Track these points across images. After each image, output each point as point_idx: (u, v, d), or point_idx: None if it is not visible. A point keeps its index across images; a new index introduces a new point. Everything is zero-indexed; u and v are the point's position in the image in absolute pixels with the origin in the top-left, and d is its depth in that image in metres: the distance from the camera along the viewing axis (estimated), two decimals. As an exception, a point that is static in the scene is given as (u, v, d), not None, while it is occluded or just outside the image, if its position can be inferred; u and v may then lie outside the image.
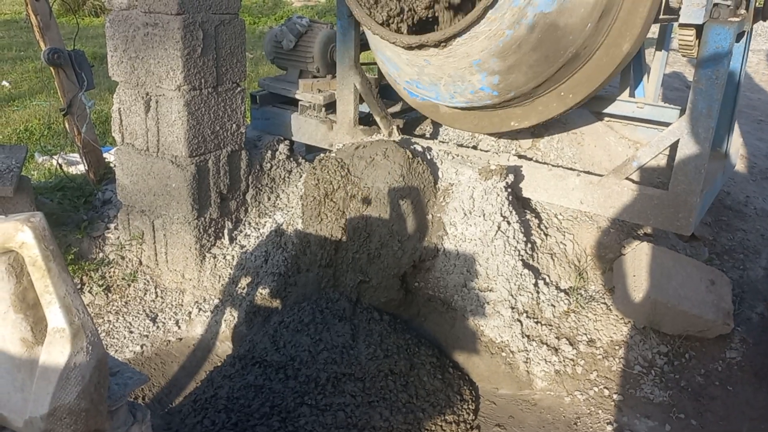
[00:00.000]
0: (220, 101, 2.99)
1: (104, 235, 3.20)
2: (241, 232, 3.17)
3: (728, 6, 2.44)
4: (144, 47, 2.82)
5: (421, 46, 2.47)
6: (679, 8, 2.46)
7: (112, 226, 3.24)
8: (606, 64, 2.63)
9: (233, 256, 3.05)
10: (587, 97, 2.78)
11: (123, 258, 3.13)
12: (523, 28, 2.39)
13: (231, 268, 3.01)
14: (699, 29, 2.49)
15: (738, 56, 2.85)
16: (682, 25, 2.48)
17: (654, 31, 4.08)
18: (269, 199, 3.34)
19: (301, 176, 3.47)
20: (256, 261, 2.96)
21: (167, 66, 2.79)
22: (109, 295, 3.00)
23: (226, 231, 3.11)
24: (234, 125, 3.10)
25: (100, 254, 3.14)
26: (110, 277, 3.06)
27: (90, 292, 2.97)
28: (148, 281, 3.09)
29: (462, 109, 2.99)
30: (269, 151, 3.41)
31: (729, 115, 3.01)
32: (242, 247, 3.09)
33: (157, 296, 3.04)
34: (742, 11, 2.57)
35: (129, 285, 3.06)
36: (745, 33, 2.79)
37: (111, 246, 3.17)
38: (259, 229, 3.18)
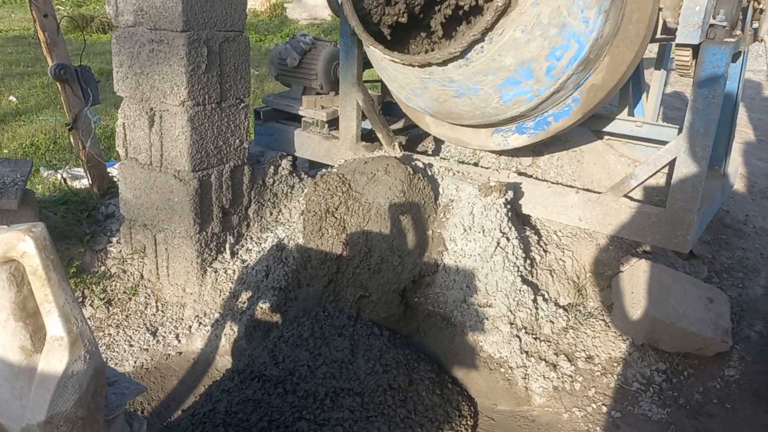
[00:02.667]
0: (224, 117, 3.03)
1: (106, 249, 3.23)
2: (242, 246, 3.19)
3: (724, 27, 2.48)
4: (149, 63, 2.87)
5: (445, 61, 2.53)
6: (676, 29, 2.50)
7: (114, 239, 3.27)
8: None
9: (234, 270, 3.07)
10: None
11: (124, 272, 3.16)
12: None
13: (232, 283, 3.03)
14: (695, 49, 2.53)
15: (735, 76, 2.88)
16: (679, 45, 2.51)
17: (653, 50, 4.13)
18: (271, 214, 3.37)
19: (303, 191, 3.50)
20: (257, 275, 2.98)
21: (172, 82, 2.83)
22: (110, 308, 3.02)
23: (227, 245, 3.13)
24: (237, 140, 3.13)
25: (102, 268, 3.16)
26: (111, 290, 3.09)
27: (91, 305, 2.99)
28: (149, 295, 3.11)
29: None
30: (272, 167, 3.44)
31: (726, 134, 3.04)
32: (243, 261, 3.11)
33: (157, 310, 3.06)
34: (738, 32, 2.60)
35: (130, 298, 3.08)
36: (741, 53, 2.82)
37: (113, 259, 3.19)
38: (260, 244, 3.20)
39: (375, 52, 2.64)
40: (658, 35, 2.79)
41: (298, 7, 13.94)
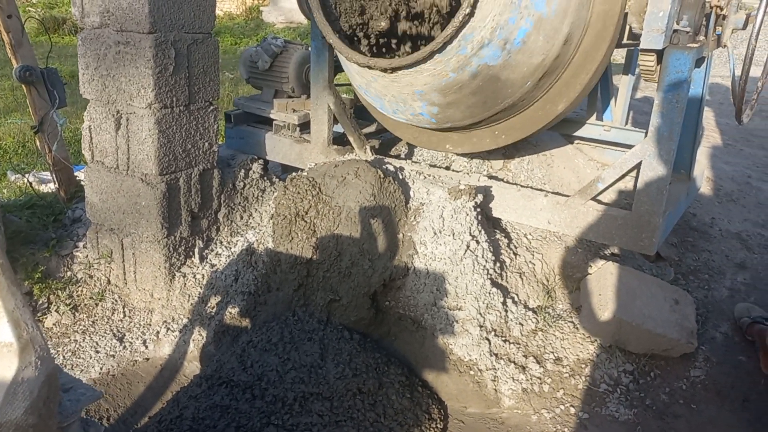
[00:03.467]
0: (192, 119, 3.00)
1: (73, 254, 3.18)
2: (212, 251, 3.16)
3: (687, 32, 2.52)
4: (115, 65, 2.83)
5: (369, 67, 2.54)
6: (641, 34, 2.53)
7: (81, 244, 3.22)
8: (540, 117, 2.81)
9: (203, 275, 3.04)
10: (520, 140, 2.97)
11: (91, 277, 3.11)
12: (466, 74, 2.53)
13: (201, 287, 3.00)
14: (660, 54, 2.56)
15: (699, 81, 2.93)
16: (643, 51, 2.55)
17: (622, 54, 4.19)
18: (241, 218, 3.34)
19: (274, 195, 3.48)
20: (226, 280, 2.95)
21: (138, 84, 2.80)
22: (76, 314, 2.97)
23: (196, 250, 3.10)
24: (206, 143, 3.11)
25: (68, 273, 3.11)
26: (78, 296, 3.03)
27: (57, 311, 2.94)
28: (116, 300, 3.07)
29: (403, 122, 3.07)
30: (242, 170, 3.42)
31: (692, 138, 3.09)
32: (213, 266, 3.08)
33: (124, 316, 3.01)
34: (702, 38, 2.65)
35: (97, 304, 3.03)
36: (705, 58, 2.87)
37: (79, 265, 3.14)
38: (230, 248, 3.18)
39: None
40: (625, 41, 2.83)
41: (274, 11, 13.88)
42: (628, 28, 2.70)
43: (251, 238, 3.17)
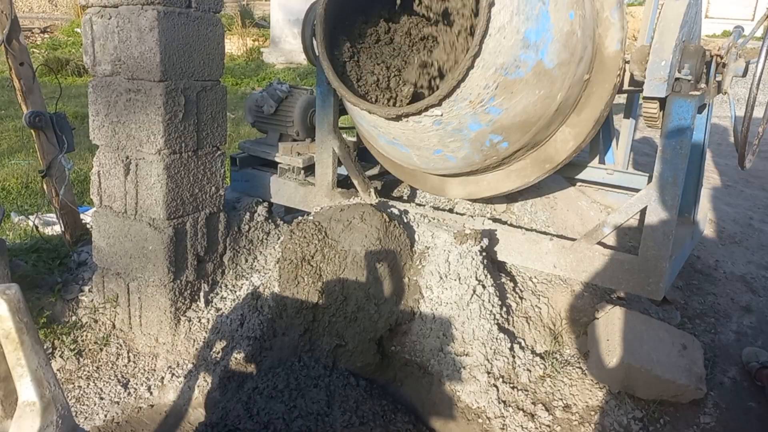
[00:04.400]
0: (200, 164, 3.03)
1: (78, 298, 3.17)
2: (217, 294, 3.15)
3: (689, 80, 2.57)
4: (126, 112, 2.87)
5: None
6: (643, 81, 2.58)
7: (86, 288, 3.21)
8: (531, 169, 2.93)
9: (208, 319, 3.03)
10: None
11: (96, 321, 3.09)
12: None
13: (206, 332, 2.98)
14: (662, 102, 2.61)
15: (701, 127, 2.98)
16: (646, 98, 2.60)
17: (623, 97, 4.25)
18: (246, 261, 3.34)
19: (279, 238, 3.49)
20: (231, 324, 2.94)
21: (148, 130, 2.83)
22: (81, 359, 2.95)
23: (202, 293, 3.09)
24: (213, 188, 3.13)
25: (73, 317, 3.10)
26: (82, 341, 3.01)
27: (61, 356, 2.92)
28: (120, 345, 3.05)
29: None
30: (248, 213, 3.43)
31: (695, 182, 3.12)
32: (218, 310, 3.07)
33: (129, 361, 2.99)
34: (703, 85, 2.70)
35: (101, 349, 3.01)
36: (707, 105, 2.92)
37: (84, 309, 3.13)
38: (235, 292, 3.17)
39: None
40: (626, 87, 2.89)
41: (275, 52, 14.11)
42: (629, 74, 2.75)
43: (256, 282, 3.16)
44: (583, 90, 2.71)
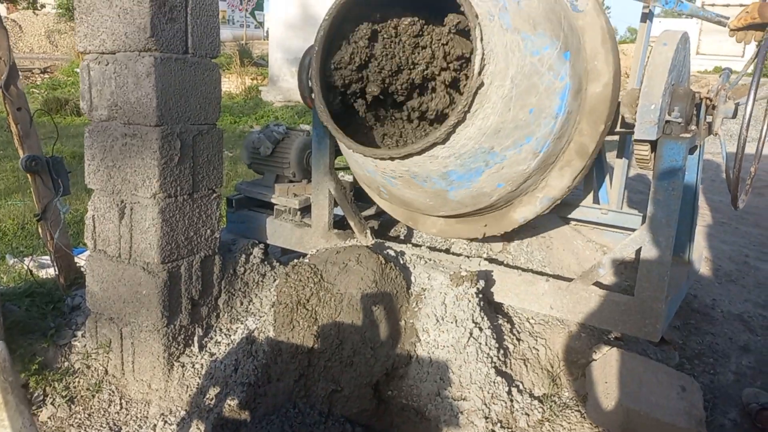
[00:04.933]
0: (195, 207, 3.04)
1: (71, 343, 3.14)
2: (211, 339, 3.12)
3: (679, 123, 2.60)
4: (122, 156, 2.89)
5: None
6: (634, 123, 2.61)
7: (79, 333, 3.18)
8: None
9: (202, 364, 2.99)
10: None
11: (88, 367, 3.05)
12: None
13: (199, 378, 2.94)
14: (653, 144, 2.63)
15: (693, 167, 3.00)
16: (638, 141, 2.62)
17: (616, 136, 4.30)
18: (242, 303, 3.32)
19: (275, 280, 3.48)
20: (225, 370, 2.91)
21: (144, 174, 2.84)
22: (72, 406, 2.90)
23: (195, 338, 3.06)
24: (208, 231, 3.13)
25: (65, 363, 3.06)
26: (74, 387, 2.97)
27: (52, 404, 2.87)
28: (113, 392, 3.00)
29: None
30: (243, 255, 3.43)
31: (689, 222, 3.13)
32: (212, 355, 3.04)
33: (121, 408, 2.94)
34: (693, 127, 2.73)
35: (93, 396, 2.97)
36: (698, 147, 2.94)
37: (77, 354, 3.09)
38: (230, 336, 3.14)
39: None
40: (618, 129, 2.92)
41: (273, 90, 14.28)
42: (621, 117, 2.79)
43: (251, 326, 3.14)
44: None
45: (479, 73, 2.30)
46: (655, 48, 2.62)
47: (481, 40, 2.28)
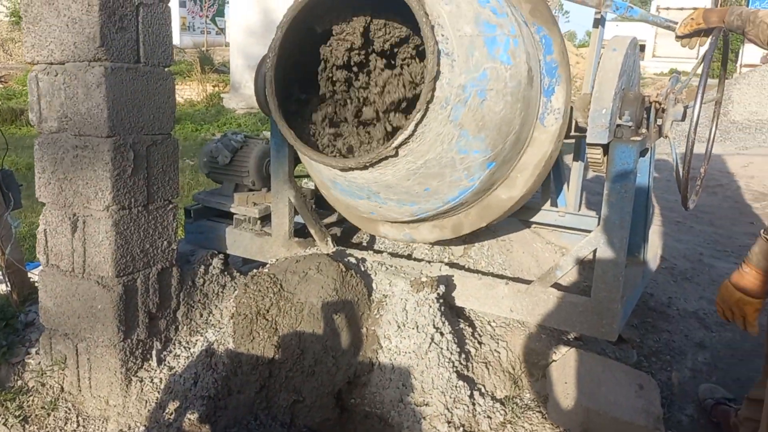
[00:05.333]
0: (151, 219, 2.98)
1: (24, 361, 3.05)
2: (170, 352, 3.07)
3: (630, 126, 2.65)
4: (73, 169, 2.83)
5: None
6: (587, 128, 2.66)
7: (33, 350, 3.10)
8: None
9: (161, 378, 2.94)
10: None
11: (43, 385, 2.97)
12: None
13: (158, 392, 2.89)
14: (606, 147, 2.68)
15: (645, 170, 3.07)
16: (590, 144, 2.67)
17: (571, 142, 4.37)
18: (201, 315, 3.28)
19: (235, 290, 3.44)
20: (185, 383, 2.86)
21: (96, 187, 2.79)
22: (27, 426, 2.82)
23: (154, 352, 3.01)
24: (165, 242, 3.08)
25: (19, 382, 2.97)
26: (28, 406, 2.89)
27: (5, 424, 2.78)
28: (69, 409, 2.93)
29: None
30: (202, 266, 3.38)
31: (642, 222, 3.19)
32: (171, 368, 2.99)
33: (78, 425, 2.87)
34: (644, 130, 2.79)
35: (49, 414, 2.89)
36: (649, 149, 3.01)
37: (31, 372, 3.01)
38: (189, 349, 3.09)
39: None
40: (573, 132, 2.96)
41: (235, 97, 14.17)
42: (574, 122, 2.83)
43: (211, 338, 3.09)
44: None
45: (397, 146, 2.36)
46: (605, 54, 2.67)
47: (418, 122, 2.31)
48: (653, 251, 3.57)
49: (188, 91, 15.38)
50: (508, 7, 2.64)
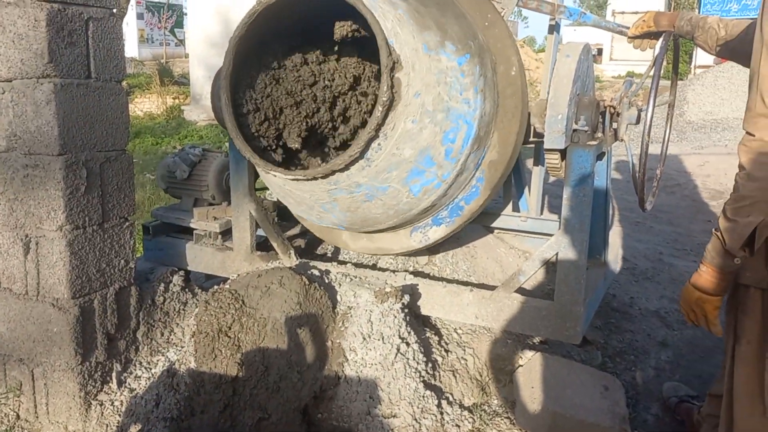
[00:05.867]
0: (107, 238, 2.91)
1: (-24, 389, 2.94)
2: (131, 373, 2.99)
3: (586, 131, 2.69)
4: (24, 188, 2.74)
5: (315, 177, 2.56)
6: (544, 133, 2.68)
7: (-15, 378, 2.98)
8: None
9: (122, 401, 2.86)
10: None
11: (-3, 413, 2.87)
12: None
13: (119, 415, 2.81)
14: (563, 152, 2.71)
15: (602, 173, 3.11)
16: (548, 150, 2.69)
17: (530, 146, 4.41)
18: (162, 334, 3.20)
19: (197, 307, 3.37)
20: (146, 406, 2.79)
21: (48, 206, 2.71)
22: (-20, 457, 2.72)
23: (114, 374, 2.93)
24: (122, 261, 3.00)
25: (-29, 411, 2.86)
26: (-19, 436, 2.78)
27: (-44, 456, 2.68)
28: (25, 437, 2.83)
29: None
30: (162, 284, 3.31)
31: (602, 225, 3.23)
32: (132, 390, 2.91)
33: (35, 454, 2.77)
34: (600, 134, 2.83)
35: (3, 444, 2.78)
36: (605, 153, 3.05)
37: (-16, 401, 2.90)
38: (150, 369, 3.02)
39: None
40: (531, 138, 2.99)
41: (196, 109, 13.98)
42: (532, 127, 2.86)
43: (173, 357, 3.02)
44: None
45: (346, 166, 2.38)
46: (559, 60, 2.70)
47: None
48: (614, 252, 3.63)
49: (148, 104, 15.13)
50: (465, 158, 2.66)
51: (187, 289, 3.42)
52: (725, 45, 2.69)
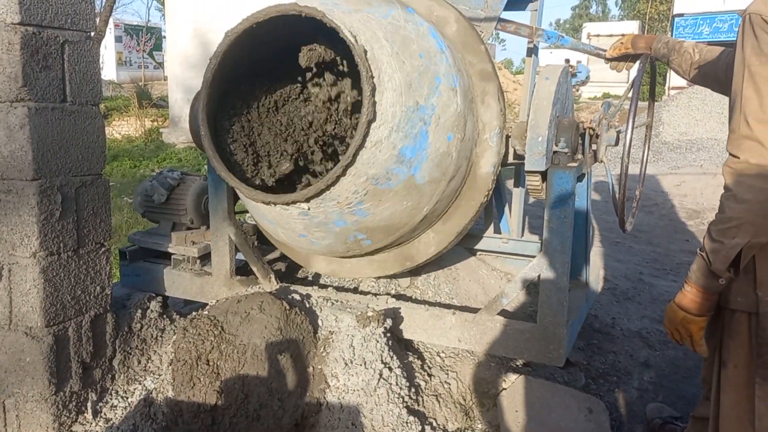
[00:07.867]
0: (82, 264, 2.85)
1: (-56, 423, 2.83)
2: (107, 403, 2.91)
3: (566, 153, 2.70)
4: (-4, 215, 2.68)
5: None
6: (524, 155, 2.69)
7: (-46, 410, 2.88)
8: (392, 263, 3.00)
9: (97, 431, 2.78)
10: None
11: (-34, 448, 2.77)
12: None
13: (94, 448, 2.73)
14: (544, 174, 2.72)
15: (583, 194, 3.12)
16: (528, 172, 2.70)
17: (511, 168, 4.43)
18: (139, 362, 3.13)
19: (175, 334, 3.30)
20: (122, 436, 2.71)
21: (22, 232, 2.64)
22: (-53, 494, 2.61)
23: (89, 404, 2.85)
24: (98, 287, 2.94)
25: (-62, 446, 2.76)
26: (-51, 472, 2.68)
27: None
28: (-5, 472, 2.73)
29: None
30: (139, 310, 3.24)
31: (583, 246, 3.24)
32: (108, 420, 2.83)
33: (5, 489, 2.67)
34: (580, 156, 2.84)
35: (-28, 480, 2.68)
36: (585, 174, 3.07)
37: (-49, 435, 2.80)
38: (127, 399, 2.94)
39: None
40: (511, 160, 2.99)
41: (174, 131, 13.91)
42: (512, 149, 2.86)
43: (150, 386, 2.95)
44: (453, 201, 2.78)
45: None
46: (538, 82, 2.72)
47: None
48: (595, 273, 3.63)
49: (126, 127, 15.03)
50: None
51: (165, 316, 3.35)
52: (699, 69, 2.73)
